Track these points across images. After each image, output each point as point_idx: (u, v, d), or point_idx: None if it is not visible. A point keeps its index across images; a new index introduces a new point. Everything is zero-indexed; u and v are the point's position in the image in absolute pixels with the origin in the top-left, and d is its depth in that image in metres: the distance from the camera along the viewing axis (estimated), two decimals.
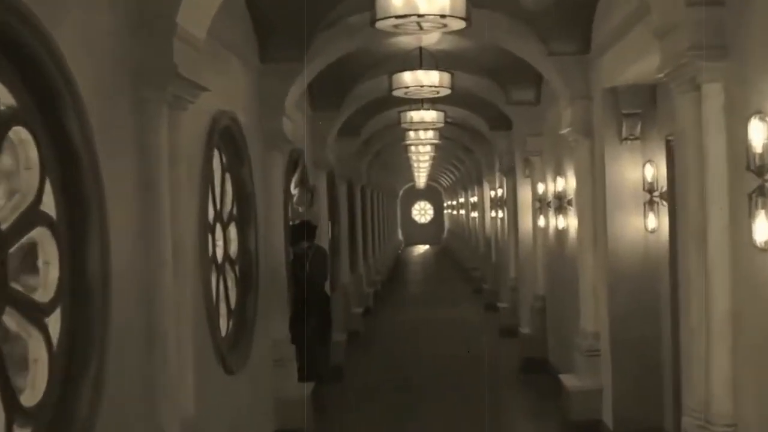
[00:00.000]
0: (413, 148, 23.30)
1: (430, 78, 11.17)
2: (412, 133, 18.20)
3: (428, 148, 23.71)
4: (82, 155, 4.46)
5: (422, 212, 62.17)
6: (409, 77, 11.13)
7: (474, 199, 29.66)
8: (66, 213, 4.46)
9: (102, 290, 4.61)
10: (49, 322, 4.31)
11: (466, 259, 33.96)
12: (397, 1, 7.26)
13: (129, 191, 5.28)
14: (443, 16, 7.42)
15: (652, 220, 9.11)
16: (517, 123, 15.05)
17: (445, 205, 57.47)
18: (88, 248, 4.56)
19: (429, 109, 14.97)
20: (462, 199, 39.71)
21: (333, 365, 13.19)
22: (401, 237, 55.64)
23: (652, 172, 9.08)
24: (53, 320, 4.35)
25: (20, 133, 4.13)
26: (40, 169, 4.23)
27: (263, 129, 9.58)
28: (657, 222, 9.04)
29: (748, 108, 5.29)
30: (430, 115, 14.99)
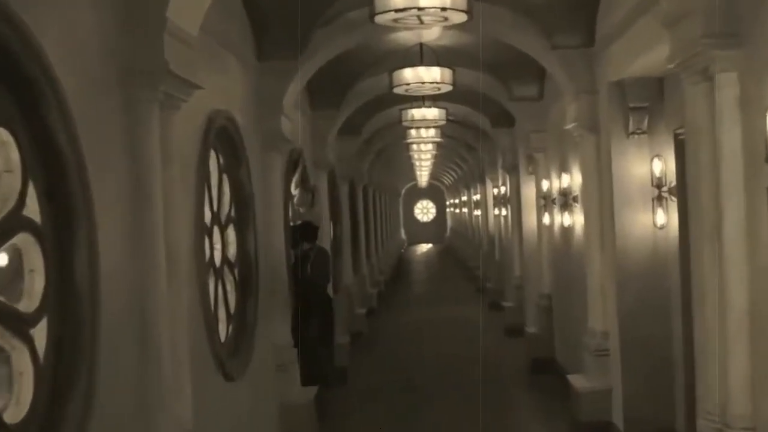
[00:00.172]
0: (415, 146, 23.24)
1: (431, 74, 11.09)
2: (413, 131, 18.11)
3: (430, 146, 23.64)
4: (68, 157, 4.24)
5: (425, 211, 62.41)
6: (410, 74, 11.06)
7: (477, 197, 29.51)
8: (51, 218, 4.25)
9: (91, 298, 4.39)
10: (35, 333, 4.10)
11: (470, 258, 33.81)
12: None
13: (119, 194, 5.06)
14: (444, 9, 7.28)
15: (660, 216, 8.96)
16: (520, 119, 14.95)
17: (447, 203, 57.52)
18: (76, 254, 4.33)
19: (430, 107, 14.87)
20: (465, 198, 39.57)
21: (337, 367, 13.14)
22: (404, 236, 55.79)
23: (660, 166, 8.91)
24: (39, 331, 4.13)
25: (0, 134, 3.91)
26: (22, 171, 4.01)
27: (261, 129, 9.40)
28: (666, 218, 8.89)
29: (765, 98, 5.09)
30: (432, 113, 14.94)
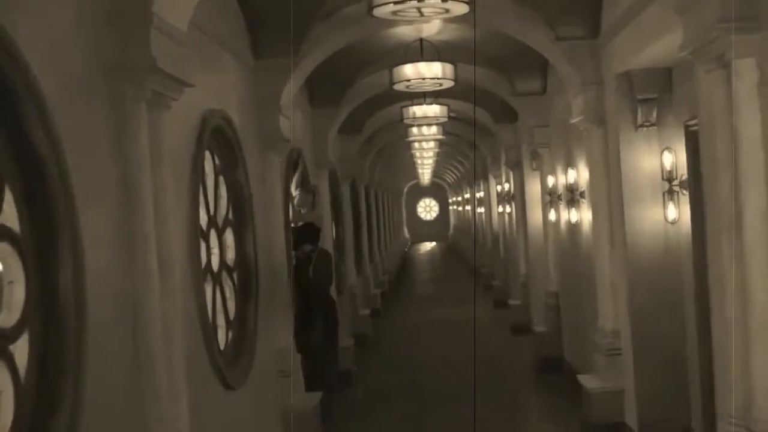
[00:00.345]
0: (417, 144, 22.95)
1: (432, 70, 10.83)
2: (415, 129, 17.85)
3: (432, 144, 23.36)
4: (48, 160, 3.98)
5: (427, 209, 62.33)
6: (411, 69, 10.82)
7: (480, 195, 29.26)
8: (32, 226, 3.99)
9: (76, 311, 4.12)
10: (15, 349, 3.85)
11: (473, 256, 33.52)
12: None
13: (106, 198, 4.79)
14: (444, 0, 7.02)
15: (672, 211, 8.69)
16: (523, 114, 14.69)
17: (450, 201, 57.38)
18: (59, 264, 4.07)
19: (432, 104, 14.63)
20: (467, 195, 39.33)
21: (341, 371, 12.97)
22: (407, 235, 55.65)
23: (670, 159, 8.63)
24: (20, 348, 3.88)
25: None
26: None
27: (259, 129, 9.14)
28: (677, 212, 8.61)
29: None
30: (433, 110, 14.70)
